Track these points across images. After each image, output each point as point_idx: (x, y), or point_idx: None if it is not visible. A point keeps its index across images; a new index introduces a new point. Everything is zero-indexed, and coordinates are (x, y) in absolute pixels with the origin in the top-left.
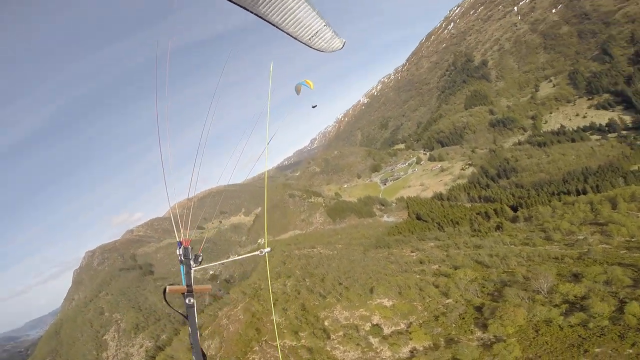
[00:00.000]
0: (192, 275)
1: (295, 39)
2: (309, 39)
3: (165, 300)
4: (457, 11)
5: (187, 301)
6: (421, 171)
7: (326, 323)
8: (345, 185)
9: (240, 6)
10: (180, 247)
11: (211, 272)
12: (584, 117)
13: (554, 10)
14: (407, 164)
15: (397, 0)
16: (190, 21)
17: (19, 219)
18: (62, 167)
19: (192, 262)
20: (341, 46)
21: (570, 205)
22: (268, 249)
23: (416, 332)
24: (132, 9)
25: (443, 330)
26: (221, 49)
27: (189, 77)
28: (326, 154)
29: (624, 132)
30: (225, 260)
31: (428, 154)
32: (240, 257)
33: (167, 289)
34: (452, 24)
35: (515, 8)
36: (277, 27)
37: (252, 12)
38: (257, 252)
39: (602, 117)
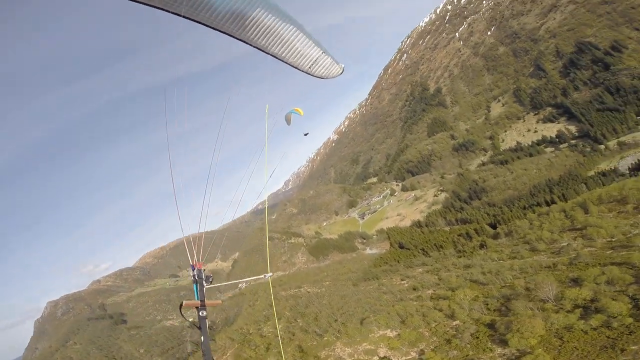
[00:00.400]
0: (205, 292)
1: (296, 68)
2: (309, 67)
3: (181, 314)
4: (407, 42)
5: (200, 314)
6: (396, 202)
7: None
8: (325, 223)
9: (243, 41)
10: (194, 269)
11: (190, 320)
12: (535, 131)
13: (489, 33)
14: (381, 196)
15: (354, 36)
16: (188, 53)
17: None
18: (20, 215)
19: (204, 282)
20: (340, 71)
21: (545, 215)
22: (270, 274)
23: (432, 359)
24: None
25: (459, 353)
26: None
27: (191, 107)
28: (302, 194)
29: (573, 142)
30: (235, 281)
31: (400, 184)
32: (246, 280)
33: (183, 303)
34: (405, 55)
35: (457, 34)
36: (277, 58)
37: (253, 46)
38: (262, 276)
39: (550, 130)
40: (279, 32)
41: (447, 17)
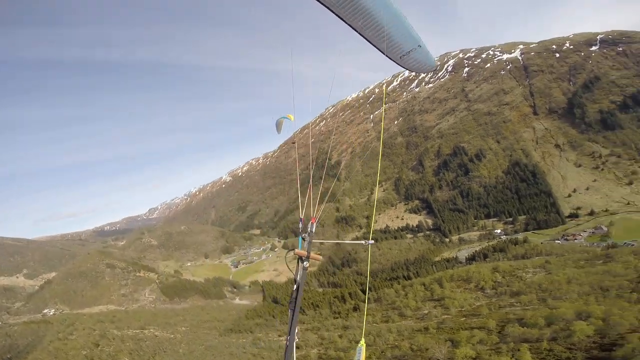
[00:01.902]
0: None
1: (387, 56)
2: (400, 57)
3: (286, 261)
4: (331, 110)
5: (303, 264)
6: (275, 257)
7: None
8: (189, 264)
9: (341, 18)
10: (301, 222)
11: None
12: (402, 219)
13: (395, 122)
14: (261, 249)
15: (281, 89)
16: None
17: None
18: None
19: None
20: (434, 67)
21: (409, 287)
22: (372, 241)
23: None
24: None
25: None
26: None
27: None
28: (170, 227)
29: (428, 232)
30: (336, 241)
31: (283, 242)
32: (348, 242)
33: (295, 250)
34: (324, 121)
35: (371, 116)
36: (369, 42)
37: (350, 25)
38: (362, 242)
39: (414, 220)
40: (375, 16)
41: (370, 98)
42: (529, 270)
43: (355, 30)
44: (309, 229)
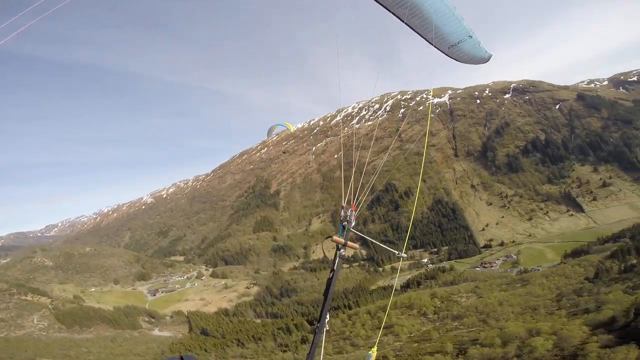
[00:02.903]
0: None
1: (434, 46)
2: (448, 48)
3: (322, 247)
4: (274, 139)
5: (340, 252)
6: (202, 286)
7: None
8: (93, 289)
9: (386, 7)
10: (343, 209)
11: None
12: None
13: (335, 156)
14: (185, 277)
15: (223, 111)
16: None
17: None
18: None
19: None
20: (486, 59)
21: (355, 315)
22: (404, 255)
23: None
24: None
25: None
26: None
27: None
28: (71, 247)
29: (363, 262)
30: (370, 239)
31: (211, 270)
32: (380, 245)
33: (332, 237)
34: (265, 148)
35: (314, 148)
36: (416, 32)
37: (394, 14)
38: (396, 252)
39: (348, 251)
40: (422, 4)
41: (314, 130)
42: (463, 295)
43: (401, 20)
44: (348, 217)
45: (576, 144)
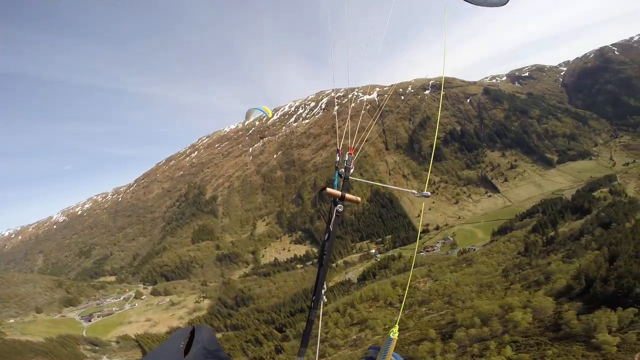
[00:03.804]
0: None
1: None
2: None
3: (316, 199)
4: (205, 141)
5: (337, 208)
6: (144, 306)
7: None
8: (12, 321)
9: None
10: (339, 153)
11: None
12: (289, 250)
13: (275, 156)
14: (122, 298)
15: (142, 115)
16: None
17: None
18: None
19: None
20: (504, 2)
21: (324, 315)
22: (428, 193)
23: None
24: None
25: None
26: None
27: None
28: None
29: (315, 260)
30: (379, 184)
31: (150, 287)
32: (396, 188)
33: (326, 190)
34: (196, 152)
35: (251, 149)
36: None
37: None
38: (414, 192)
39: (300, 250)
40: None
41: (250, 131)
42: (420, 280)
43: None
44: (345, 162)
45: (486, 132)
